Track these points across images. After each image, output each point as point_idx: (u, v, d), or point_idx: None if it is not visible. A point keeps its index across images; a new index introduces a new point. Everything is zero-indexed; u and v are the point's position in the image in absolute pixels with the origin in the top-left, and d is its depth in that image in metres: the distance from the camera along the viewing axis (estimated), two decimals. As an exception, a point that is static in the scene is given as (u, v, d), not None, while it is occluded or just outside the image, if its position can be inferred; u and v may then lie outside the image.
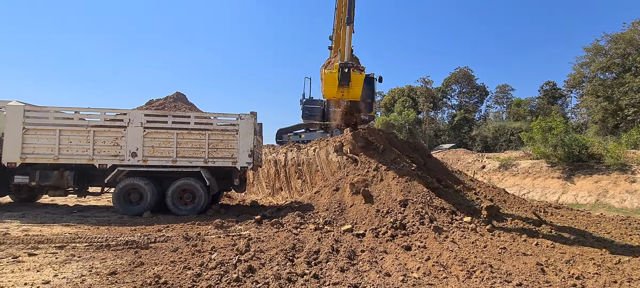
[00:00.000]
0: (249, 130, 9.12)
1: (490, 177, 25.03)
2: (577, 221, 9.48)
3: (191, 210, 8.94)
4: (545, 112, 37.74)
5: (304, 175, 11.92)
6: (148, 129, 8.87)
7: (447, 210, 7.85)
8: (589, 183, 19.91)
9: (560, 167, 21.64)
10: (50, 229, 6.99)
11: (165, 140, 8.93)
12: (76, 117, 8.91)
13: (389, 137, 12.69)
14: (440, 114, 56.84)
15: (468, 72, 53.88)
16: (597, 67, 33.87)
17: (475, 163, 29.06)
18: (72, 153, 8.76)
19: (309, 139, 13.84)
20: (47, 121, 8.67)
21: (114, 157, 8.86)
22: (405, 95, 51.65)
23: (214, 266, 4.69)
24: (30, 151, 8.64)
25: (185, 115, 9.28)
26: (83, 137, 8.76)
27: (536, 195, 20.48)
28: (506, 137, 41.03)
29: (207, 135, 9.02)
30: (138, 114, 8.98)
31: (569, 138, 21.21)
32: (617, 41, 32.18)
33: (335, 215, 8.14)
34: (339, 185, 9.30)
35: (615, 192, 18.26)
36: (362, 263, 5.18)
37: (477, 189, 11.00)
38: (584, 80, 36.44)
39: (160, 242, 6.09)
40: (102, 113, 9.01)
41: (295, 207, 8.91)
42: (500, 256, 5.57)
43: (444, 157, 33.26)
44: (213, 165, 9.08)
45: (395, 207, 7.81)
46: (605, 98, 33.09)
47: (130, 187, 8.90)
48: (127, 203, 8.90)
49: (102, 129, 8.87)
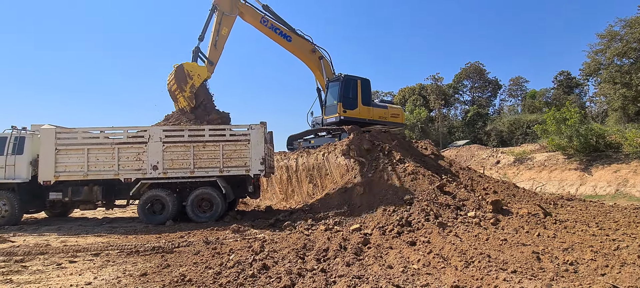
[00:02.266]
0: (259, 139, 9.66)
1: (506, 171, 24.76)
2: (588, 212, 9.52)
3: (209, 217, 9.53)
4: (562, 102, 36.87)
5: (314, 179, 12.38)
6: (167, 143, 9.55)
7: (452, 207, 8.12)
8: (608, 173, 19.49)
9: (577, 159, 21.25)
10: (84, 239, 7.71)
11: (183, 152, 9.58)
12: (102, 136, 9.69)
13: (396, 137, 12.99)
14: (452, 110, 56.26)
15: (479, 66, 53.19)
16: (613, 53, 32.87)
17: (489, 159, 28.78)
18: (99, 169, 9.53)
19: (318, 144, 14.27)
20: (76, 141, 9.49)
21: (137, 171, 9.57)
22: (416, 94, 51.45)
23: (232, 265, 5.19)
24: (62, 169, 9.45)
25: (200, 128, 9.91)
26: (109, 154, 9.52)
27: (553, 188, 20.18)
28: (522, 130, 40.26)
29: (221, 146, 9.61)
30: (157, 130, 9.67)
31: (584, 128, 20.80)
32: (632, 26, 31.19)
33: (345, 216, 8.55)
34: (347, 187, 9.71)
35: (636, 181, 17.84)
36: (367, 259, 5.57)
37: (485, 185, 11.16)
38: (600, 67, 35.41)
39: (183, 246, 6.66)
40: (124, 131, 9.76)
41: (307, 210, 9.37)
42: (500, 247, 5.84)
43: (458, 153, 33.04)
44: (228, 174, 9.66)
45: (401, 205, 8.15)
46: (623, 84, 32.07)
47: (153, 198, 9.58)
48: (150, 213, 9.58)
49: (125, 145, 9.61)
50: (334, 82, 14.34)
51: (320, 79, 14.71)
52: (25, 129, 9.86)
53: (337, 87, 14.02)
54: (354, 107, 14.09)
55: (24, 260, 5.94)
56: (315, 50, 14.48)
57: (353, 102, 14.09)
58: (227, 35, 12.26)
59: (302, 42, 14.12)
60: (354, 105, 14.10)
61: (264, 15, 13.27)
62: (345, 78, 14.13)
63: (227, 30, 12.18)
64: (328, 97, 14.56)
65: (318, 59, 14.53)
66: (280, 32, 13.49)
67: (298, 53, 14.18)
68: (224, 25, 12.04)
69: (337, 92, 13.94)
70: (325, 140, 14.33)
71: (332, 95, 14.33)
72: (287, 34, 13.67)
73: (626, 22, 31.80)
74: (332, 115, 14.12)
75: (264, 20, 13.24)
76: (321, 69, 14.49)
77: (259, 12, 13.20)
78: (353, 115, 14.03)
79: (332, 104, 14.24)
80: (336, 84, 14.15)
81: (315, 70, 14.58)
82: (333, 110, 14.09)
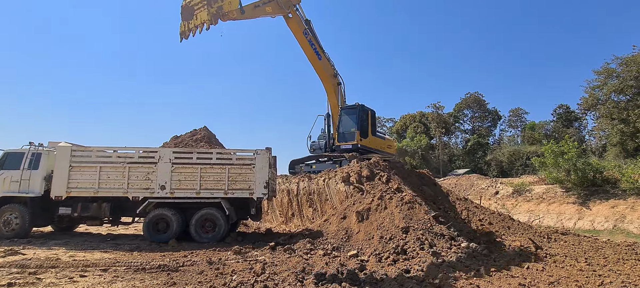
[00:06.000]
0: (264, 164, 10.12)
1: (504, 202, 24.88)
2: (580, 247, 9.76)
3: (212, 238, 9.84)
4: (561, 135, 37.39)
5: (314, 204, 12.71)
6: (176, 164, 10.02)
7: (447, 236, 8.42)
8: (605, 208, 19.61)
9: (575, 192, 21.42)
10: (92, 255, 8.02)
11: (191, 174, 10.03)
12: (114, 155, 10.18)
13: (395, 166, 13.42)
14: (453, 138, 56.83)
15: (479, 97, 54.24)
16: (610, 89, 33.72)
17: (488, 189, 28.92)
18: (109, 187, 9.96)
19: (320, 169, 14.74)
20: (90, 159, 9.98)
21: (145, 190, 9.99)
22: (417, 121, 52.22)
23: (235, 285, 5.50)
24: (74, 185, 9.89)
25: (208, 151, 10.41)
26: (119, 173, 9.98)
27: (551, 221, 20.26)
28: (522, 161, 40.57)
29: (227, 169, 10.07)
30: (167, 152, 10.17)
31: (582, 162, 21.12)
32: (629, 64, 32.20)
33: (343, 242, 8.84)
34: (346, 213, 10.04)
35: (633, 217, 17.94)
36: (363, 284, 5.86)
37: (481, 216, 11.45)
38: (598, 102, 36.17)
39: (187, 265, 6.97)
40: (136, 151, 10.26)
41: (306, 235, 9.67)
42: (490, 278, 6.13)
43: (458, 182, 33.23)
44: (232, 196, 10.05)
45: (397, 233, 8.46)
46: (620, 120, 32.66)
47: (158, 217, 9.94)
48: (155, 232, 9.90)
49: (136, 165, 10.08)
50: (350, 110, 15.39)
51: (334, 104, 15.44)
52: (42, 146, 10.38)
53: (355, 115, 15.10)
54: (366, 136, 15.18)
55: (37, 272, 6.26)
56: (336, 75, 15.50)
57: (366, 132, 15.18)
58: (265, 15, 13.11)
59: (327, 65, 15.14)
60: (366, 135, 15.19)
61: (306, 29, 14.25)
62: (362, 107, 15.24)
63: (270, 11, 13.08)
64: (343, 123, 15.41)
65: (337, 85, 15.47)
66: (314, 48, 14.49)
67: (322, 73, 15.00)
68: (272, 8, 12.94)
69: (355, 120, 15.02)
70: (327, 166, 14.79)
71: (348, 123, 15.29)
72: (319, 53, 14.70)
73: (622, 60, 32.83)
74: (349, 142, 15.05)
75: (305, 32, 14.27)
76: (337, 95, 15.36)
77: (303, 24, 14.17)
78: (365, 144, 15.06)
79: (348, 131, 15.18)
80: (353, 112, 15.21)
81: (332, 95, 15.40)
82: (351, 138, 15.04)
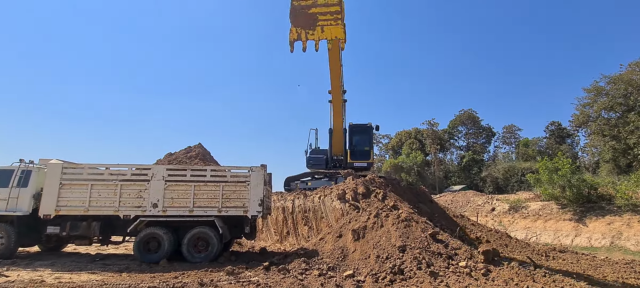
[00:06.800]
0: (259, 181, 9.99)
1: (501, 219, 24.78)
2: (578, 265, 9.66)
3: (205, 257, 9.56)
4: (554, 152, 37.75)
5: (310, 221, 12.51)
6: (169, 181, 9.85)
7: (444, 255, 8.28)
8: (601, 225, 19.57)
9: (570, 209, 21.40)
10: (78, 276, 7.73)
11: (184, 191, 9.84)
12: (106, 172, 9.99)
13: (391, 182, 13.35)
14: (448, 155, 57.10)
15: (472, 113, 54.92)
16: (600, 107, 34.40)
17: (485, 206, 28.84)
18: (100, 205, 9.72)
19: (315, 186, 14.63)
20: (82, 176, 9.78)
21: (137, 208, 9.76)
22: (412, 138, 52.52)
23: (226, 309, 5.29)
24: (64, 204, 9.64)
25: (202, 168, 10.26)
26: (111, 191, 9.77)
27: (548, 238, 20.15)
28: (517, 177, 40.74)
29: (221, 186, 9.90)
30: (160, 169, 10.01)
31: (576, 179, 21.20)
32: (616, 82, 33.01)
33: (338, 261, 8.65)
34: (341, 232, 9.87)
35: (630, 234, 17.90)
36: (359, 307, 5.68)
37: (478, 233, 11.33)
38: (589, 120, 36.79)
39: (178, 287, 6.72)
40: (129, 168, 10.09)
41: (301, 254, 9.45)
42: (489, 299, 5.98)
43: (454, 199, 33.15)
44: (226, 214, 9.85)
45: (394, 252, 8.31)
46: (612, 137, 33.18)
47: (149, 236, 9.67)
48: (146, 252, 9.61)
49: (128, 182, 9.88)
50: (362, 128, 15.91)
51: (340, 121, 15.55)
52: (32, 163, 10.18)
53: (368, 134, 15.82)
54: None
55: (20, 296, 6.00)
56: (345, 92, 15.72)
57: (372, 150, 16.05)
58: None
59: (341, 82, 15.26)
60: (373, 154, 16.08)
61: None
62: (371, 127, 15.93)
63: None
64: (356, 141, 15.82)
65: (344, 101, 15.66)
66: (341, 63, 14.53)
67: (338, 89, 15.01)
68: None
69: (368, 139, 15.81)
70: (322, 183, 14.68)
71: (361, 141, 15.83)
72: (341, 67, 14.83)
73: (610, 78, 33.67)
74: (364, 160, 15.58)
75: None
76: (343, 111, 15.55)
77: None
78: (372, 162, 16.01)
79: (362, 149, 15.69)
80: (366, 131, 15.88)
81: (339, 110, 15.52)
82: (365, 156, 15.63)
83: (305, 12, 7.93)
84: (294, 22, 8.13)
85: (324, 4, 8.01)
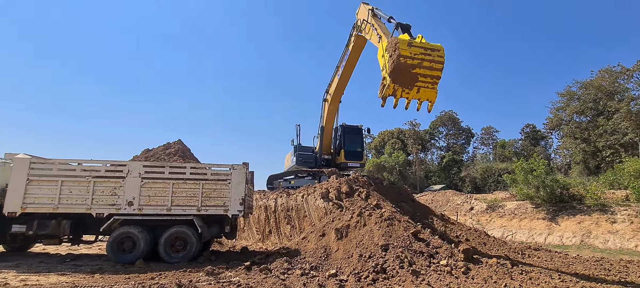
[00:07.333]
0: (241, 179, 9.76)
1: (479, 218, 25.47)
2: (552, 263, 10.01)
3: (183, 257, 9.25)
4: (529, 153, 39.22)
5: (293, 220, 12.38)
6: (146, 179, 9.46)
7: (425, 254, 8.36)
8: (572, 224, 20.42)
9: (544, 208, 22.23)
10: (46, 278, 7.28)
11: (161, 189, 9.48)
12: (79, 168, 9.49)
13: (374, 182, 13.41)
14: (429, 155, 58.30)
15: (453, 115, 56.30)
16: (572, 111, 36.04)
17: (464, 205, 29.57)
18: (71, 202, 9.22)
19: (299, 185, 14.52)
20: (51, 172, 9.23)
21: (111, 206, 9.33)
22: (394, 138, 53.23)
23: (205, 311, 5.10)
24: (31, 201, 9.08)
25: (181, 166, 9.92)
26: (83, 187, 9.28)
27: (523, 236, 20.86)
28: (494, 177, 42.09)
29: (201, 184, 9.61)
30: (137, 165, 9.61)
31: (549, 179, 22.06)
32: (587, 87, 34.68)
33: (321, 260, 8.57)
34: (324, 230, 9.80)
35: (598, 232, 18.76)
36: (342, 307, 5.62)
37: (458, 232, 11.55)
38: (562, 123, 38.50)
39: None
40: (103, 164, 9.62)
41: (283, 253, 9.32)
42: (469, 297, 6.06)
43: (434, 198, 33.82)
44: (206, 213, 9.57)
45: (377, 251, 8.31)
46: (582, 140, 34.83)
47: (124, 235, 9.25)
48: (120, 252, 9.20)
49: (101, 179, 9.42)
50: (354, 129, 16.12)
51: (330, 120, 15.47)
52: None
53: (360, 135, 16.07)
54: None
55: (-21, 300, 5.57)
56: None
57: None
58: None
59: None
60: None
61: None
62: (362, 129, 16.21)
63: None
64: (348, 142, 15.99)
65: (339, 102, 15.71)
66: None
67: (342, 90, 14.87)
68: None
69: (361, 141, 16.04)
70: (306, 182, 14.58)
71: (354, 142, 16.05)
72: None
73: (582, 83, 35.30)
74: (357, 160, 15.84)
75: None
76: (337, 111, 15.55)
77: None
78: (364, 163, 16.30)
79: (355, 150, 15.93)
80: (358, 132, 16.11)
81: (334, 110, 15.48)
82: (358, 157, 15.88)
83: (409, 71, 7.39)
84: (395, 79, 7.54)
85: (430, 67, 7.55)
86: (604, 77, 33.39)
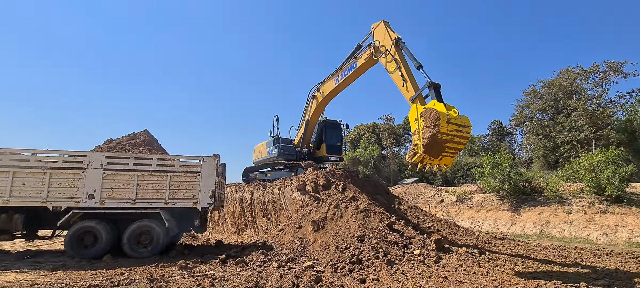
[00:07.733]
0: (211, 171, 9.40)
1: (449, 210, 26.48)
2: (516, 251, 10.56)
3: (149, 252, 8.80)
4: (496, 148, 41.20)
5: (269, 213, 12.18)
6: (108, 171, 8.87)
7: (400, 244, 8.51)
8: (533, 215, 21.74)
9: (508, 200, 23.50)
10: (4, 276, 6.65)
11: (126, 182, 8.93)
12: (33, 158, 8.72)
13: (351, 174, 13.46)
14: (403, 149, 59.72)
15: (427, 110, 57.85)
16: (535, 108, 38.20)
17: (435, 197, 30.61)
18: (24, 195, 8.47)
19: (275, 177, 14.28)
20: (1, 163, 8.42)
21: (69, 199, 8.68)
22: (369, 132, 53.99)
23: (174, 307, 4.85)
24: (-23, 194, 8.24)
25: (147, 157, 9.39)
26: (38, 179, 8.55)
27: (489, 227, 21.95)
28: (463, 171, 43.91)
29: (168, 177, 9.15)
30: (98, 156, 8.98)
31: (514, 173, 23.30)
32: (549, 87, 36.84)
33: (298, 252, 8.48)
34: (301, 223, 9.71)
35: (556, 222, 20.09)
36: (318, 298, 5.56)
37: (430, 223, 11.88)
38: (526, 120, 40.74)
39: (124, 285, 6.06)
40: (60, 155, 8.91)
41: (260, 246, 9.14)
42: (441, 284, 6.23)
43: (407, 191, 34.73)
44: (173, 206, 9.15)
45: (353, 242, 8.34)
46: (544, 136, 37.05)
47: (84, 230, 8.65)
48: (80, 247, 8.60)
49: (59, 170, 8.73)
50: (334, 124, 16.24)
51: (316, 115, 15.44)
52: None
53: (340, 130, 16.25)
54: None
55: None
56: None
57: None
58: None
59: None
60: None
61: None
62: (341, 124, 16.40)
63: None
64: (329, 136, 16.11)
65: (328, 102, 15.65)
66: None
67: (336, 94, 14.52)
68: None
69: (340, 135, 16.21)
70: (282, 174, 14.37)
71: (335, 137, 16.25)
72: None
73: (545, 83, 37.44)
74: (337, 155, 16.03)
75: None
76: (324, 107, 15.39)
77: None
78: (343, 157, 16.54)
79: (335, 144, 16.10)
80: (338, 127, 16.28)
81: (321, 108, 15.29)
82: (338, 151, 16.07)
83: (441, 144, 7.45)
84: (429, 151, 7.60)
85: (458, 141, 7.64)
86: (565, 77, 35.57)
